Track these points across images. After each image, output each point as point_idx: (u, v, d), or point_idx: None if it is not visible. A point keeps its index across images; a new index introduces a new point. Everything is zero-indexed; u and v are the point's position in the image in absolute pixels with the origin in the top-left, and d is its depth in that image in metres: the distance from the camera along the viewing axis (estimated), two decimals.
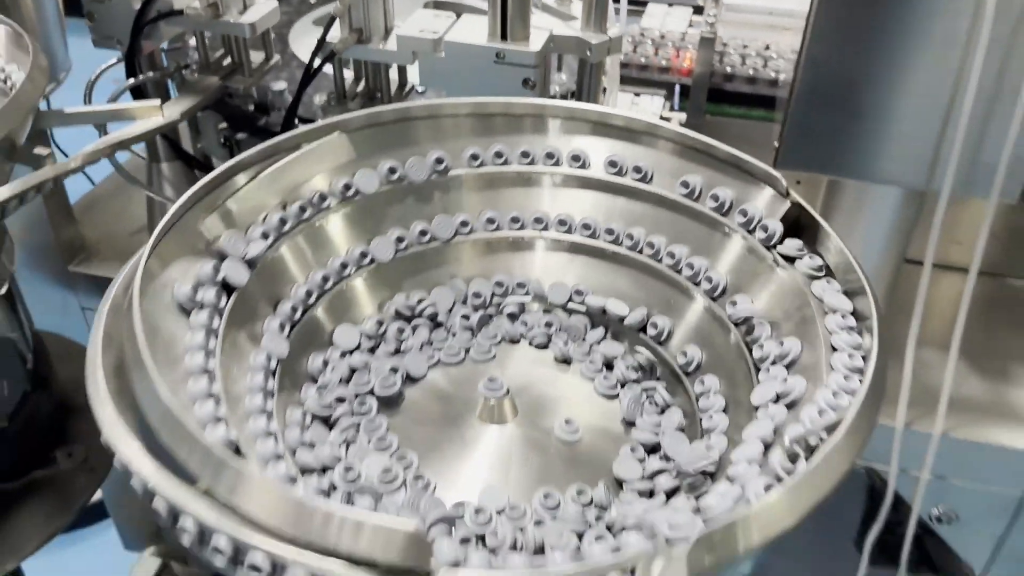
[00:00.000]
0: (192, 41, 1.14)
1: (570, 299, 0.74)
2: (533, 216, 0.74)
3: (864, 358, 0.58)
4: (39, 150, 0.81)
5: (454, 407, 0.68)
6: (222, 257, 0.63)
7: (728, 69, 1.20)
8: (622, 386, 0.70)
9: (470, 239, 0.73)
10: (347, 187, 0.70)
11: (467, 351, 0.71)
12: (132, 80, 1.08)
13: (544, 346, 0.73)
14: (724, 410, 0.64)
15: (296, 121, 1.05)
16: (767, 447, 0.56)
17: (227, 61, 1.09)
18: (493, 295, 0.74)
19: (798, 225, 0.68)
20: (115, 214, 1.31)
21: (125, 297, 0.59)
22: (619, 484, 0.62)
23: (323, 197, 0.69)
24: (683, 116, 1.10)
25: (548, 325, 0.74)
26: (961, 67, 0.84)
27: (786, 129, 0.92)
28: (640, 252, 0.71)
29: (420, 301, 0.72)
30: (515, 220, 0.74)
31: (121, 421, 0.52)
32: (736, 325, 0.66)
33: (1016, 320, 1.21)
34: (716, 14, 1.12)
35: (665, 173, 0.71)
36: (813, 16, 0.84)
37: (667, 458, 0.63)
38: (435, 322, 0.72)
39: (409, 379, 0.69)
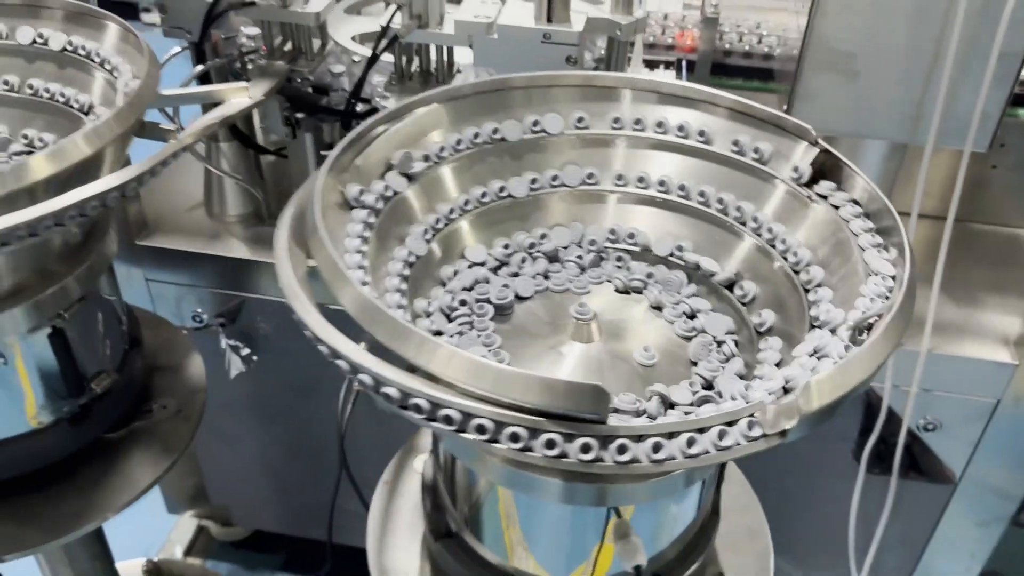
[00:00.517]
0: (247, 30, 1.25)
1: (671, 253, 0.85)
2: (639, 175, 0.87)
3: (895, 265, 0.73)
4: (165, 125, 0.92)
5: (551, 325, 0.81)
6: (389, 168, 0.80)
7: (727, 46, 1.36)
8: (699, 333, 0.81)
9: (590, 190, 0.87)
10: (459, 141, 0.84)
11: (571, 283, 0.84)
12: (201, 67, 1.19)
13: (639, 291, 0.85)
14: (778, 364, 0.74)
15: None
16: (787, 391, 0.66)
17: (287, 47, 1.20)
18: (607, 240, 0.87)
19: (824, 168, 0.83)
20: (172, 192, 1.42)
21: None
22: (671, 406, 0.73)
23: (459, 142, 0.84)
24: None
25: (649, 275, 0.85)
26: (940, 36, 1.01)
27: (794, 93, 1.08)
28: (709, 207, 0.84)
29: (543, 237, 0.85)
30: (641, 180, 0.87)
31: (330, 325, 0.64)
32: (786, 258, 0.79)
33: (978, 257, 1.40)
34: None
35: (722, 134, 0.86)
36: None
37: (720, 395, 0.73)
38: (553, 257, 0.86)
39: (519, 298, 0.82)
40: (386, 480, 1.08)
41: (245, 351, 1.38)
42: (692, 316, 0.82)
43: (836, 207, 0.80)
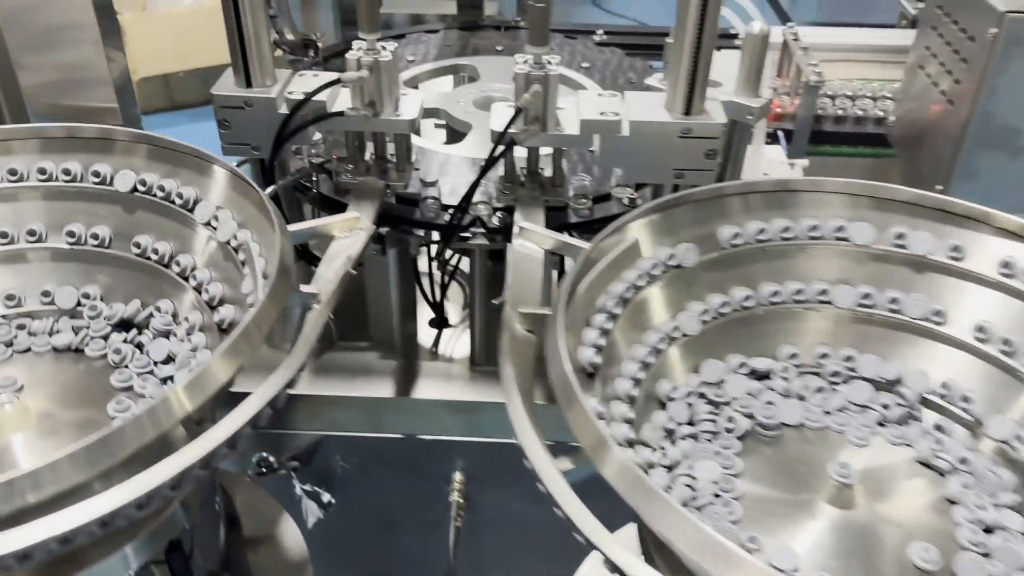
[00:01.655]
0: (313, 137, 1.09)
1: (1006, 441, 0.68)
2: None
3: None
4: (305, 288, 0.76)
5: (806, 472, 0.69)
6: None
7: (819, 111, 1.27)
8: (986, 556, 0.63)
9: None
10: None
11: (855, 431, 0.72)
12: (272, 187, 1.02)
13: (941, 473, 0.69)
14: None
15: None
16: None
17: (368, 155, 1.05)
18: (931, 392, 0.73)
19: None
20: None
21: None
22: None
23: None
24: (805, 162, 1.16)
25: (963, 460, 0.68)
26: None
27: (955, 170, 1.00)
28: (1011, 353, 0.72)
29: (848, 359, 0.74)
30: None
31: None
32: None
33: None
34: (816, 62, 1.19)
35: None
36: (989, 77, 0.93)
37: None
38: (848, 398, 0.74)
39: (784, 425, 0.71)
40: None
41: (325, 497, 1.20)
42: (989, 530, 0.65)
43: None
